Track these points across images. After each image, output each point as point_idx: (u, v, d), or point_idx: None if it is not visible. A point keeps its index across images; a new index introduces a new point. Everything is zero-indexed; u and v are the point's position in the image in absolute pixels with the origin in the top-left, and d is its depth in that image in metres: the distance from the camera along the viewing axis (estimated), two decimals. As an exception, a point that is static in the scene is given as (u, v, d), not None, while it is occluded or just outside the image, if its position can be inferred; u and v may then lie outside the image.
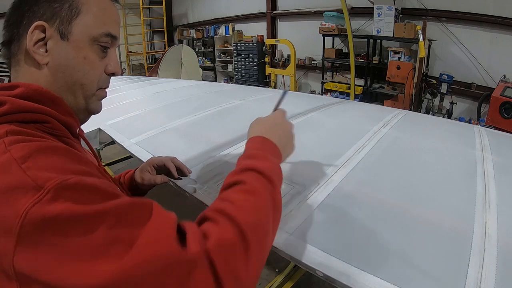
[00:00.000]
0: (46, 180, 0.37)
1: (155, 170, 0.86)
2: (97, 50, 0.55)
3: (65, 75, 0.53)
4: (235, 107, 1.67)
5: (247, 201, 0.46)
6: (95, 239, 0.35)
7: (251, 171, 0.51)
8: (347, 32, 4.52)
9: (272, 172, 0.53)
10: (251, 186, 0.49)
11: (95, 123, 1.44)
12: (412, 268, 0.57)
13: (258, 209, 0.46)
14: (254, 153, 0.57)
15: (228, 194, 0.48)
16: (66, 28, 0.52)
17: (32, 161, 0.39)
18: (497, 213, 0.74)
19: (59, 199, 0.36)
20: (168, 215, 0.42)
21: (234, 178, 0.51)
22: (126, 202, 0.40)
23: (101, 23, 0.54)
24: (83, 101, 0.56)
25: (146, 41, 8.70)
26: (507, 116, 3.65)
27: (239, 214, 0.43)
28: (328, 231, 0.67)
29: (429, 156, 1.10)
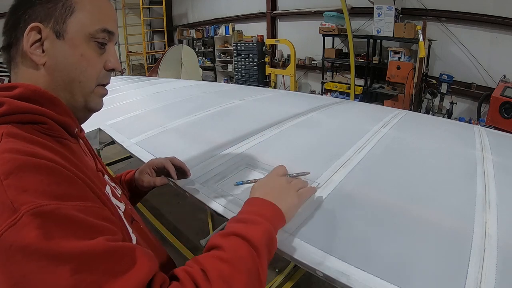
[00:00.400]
0: (22, 204, 0.36)
1: (155, 172, 0.86)
2: (94, 47, 0.55)
3: (62, 74, 0.53)
4: (235, 107, 1.67)
5: (220, 271, 0.43)
6: (57, 280, 0.34)
7: (236, 237, 0.48)
8: (347, 32, 4.52)
9: (260, 239, 0.49)
10: (230, 255, 0.46)
11: (95, 123, 1.44)
12: (412, 268, 0.57)
13: (230, 281, 0.42)
14: (245, 217, 0.54)
15: (204, 258, 0.46)
16: (61, 27, 0.52)
17: (14, 178, 0.38)
18: (497, 213, 0.74)
19: (32, 226, 0.35)
20: (143, 268, 0.40)
21: (217, 241, 0.48)
22: (101, 247, 0.38)
23: (96, 20, 0.54)
24: (81, 98, 0.56)
25: (146, 41, 8.70)
26: (507, 116, 3.65)
27: (206, 284, 0.41)
28: (328, 231, 0.67)
29: (429, 156, 1.10)
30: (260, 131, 1.24)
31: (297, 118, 1.42)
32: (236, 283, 0.43)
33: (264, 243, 0.49)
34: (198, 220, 2.60)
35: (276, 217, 0.56)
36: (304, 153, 1.07)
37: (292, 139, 1.19)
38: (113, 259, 0.38)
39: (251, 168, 0.94)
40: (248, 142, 1.13)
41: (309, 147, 1.12)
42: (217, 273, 0.43)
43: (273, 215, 0.56)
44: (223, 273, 0.43)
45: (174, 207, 2.78)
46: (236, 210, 0.74)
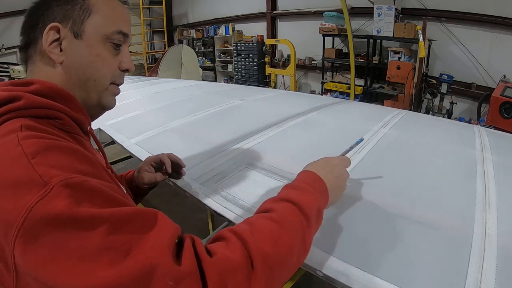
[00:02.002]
0: (52, 177, 0.38)
1: (154, 168, 0.86)
2: (109, 48, 0.57)
3: (79, 72, 0.56)
4: (235, 107, 1.67)
5: (269, 230, 0.45)
6: (90, 243, 0.36)
7: (287, 202, 0.51)
8: (347, 32, 4.52)
9: (311, 208, 0.52)
10: (280, 216, 0.47)
11: (95, 123, 1.43)
12: (412, 268, 0.57)
13: (278, 241, 0.44)
14: (299, 184, 0.56)
15: (254, 218, 0.48)
16: (79, 28, 0.54)
17: (41, 157, 0.40)
18: (497, 213, 0.74)
19: (62, 195, 0.37)
20: (169, 227, 0.42)
21: (268, 205, 0.51)
22: (128, 210, 0.40)
23: (112, 22, 0.57)
24: (96, 96, 0.58)
25: (146, 41, 8.70)
26: (507, 116, 3.65)
27: (254, 240, 0.42)
28: (328, 231, 0.67)
29: (429, 156, 1.10)
30: (260, 131, 1.24)
31: (297, 118, 1.42)
32: (283, 242, 0.44)
33: (314, 213, 0.52)
34: (198, 220, 2.60)
35: (325, 193, 0.58)
36: (304, 153, 1.07)
37: (292, 139, 1.19)
38: (141, 219, 0.40)
39: (251, 168, 0.94)
40: (248, 142, 1.13)
41: (309, 147, 1.12)
42: (267, 230, 0.44)
43: (323, 192, 0.58)
44: (273, 231, 0.44)
45: (174, 207, 2.78)
46: (236, 209, 0.75)
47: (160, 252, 0.38)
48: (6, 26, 6.87)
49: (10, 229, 0.36)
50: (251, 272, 0.40)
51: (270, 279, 0.41)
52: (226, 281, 0.38)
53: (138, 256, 0.36)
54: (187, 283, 0.37)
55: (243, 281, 0.39)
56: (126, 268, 0.35)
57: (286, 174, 0.89)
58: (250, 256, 0.41)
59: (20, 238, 0.36)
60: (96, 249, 0.36)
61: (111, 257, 0.36)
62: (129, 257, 0.36)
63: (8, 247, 0.36)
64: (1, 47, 6.89)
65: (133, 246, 0.37)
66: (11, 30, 6.87)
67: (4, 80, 5.69)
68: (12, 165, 0.40)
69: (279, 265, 0.43)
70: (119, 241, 0.37)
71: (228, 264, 0.39)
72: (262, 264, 0.41)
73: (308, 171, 0.61)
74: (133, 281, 0.35)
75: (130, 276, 0.35)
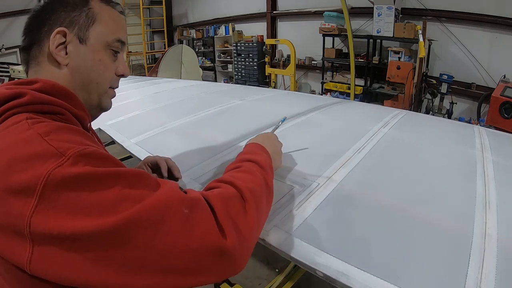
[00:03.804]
0: (68, 149, 0.42)
1: (150, 169, 0.87)
2: (109, 54, 0.62)
3: (83, 75, 0.60)
4: (235, 107, 1.67)
5: (244, 176, 0.57)
6: (108, 196, 0.41)
7: (247, 161, 0.64)
8: (347, 32, 4.52)
9: (265, 162, 0.66)
10: (247, 168, 0.61)
11: (95, 123, 1.43)
12: (412, 268, 0.57)
13: (253, 182, 0.56)
14: (249, 150, 0.71)
15: (229, 173, 0.59)
16: (84, 34, 0.59)
17: (54, 134, 0.45)
18: (497, 213, 0.74)
19: (79, 163, 0.41)
20: (172, 182, 0.49)
21: (234, 165, 0.63)
22: (137, 170, 0.46)
23: (112, 31, 0.62)
24: (97, 98, 0.63)
25: (146, 41, 8.70)
26: (507, 116, 3.65)
27: (238, 181, 0.54)
28: (328, 231, 0.67)
29: (429, 156, 1.10)
30: (260, 131, 1.24)
31: (297, 118, 1.42)
32: (257, 182, 0.57)
33: (268, 164, 0.67)
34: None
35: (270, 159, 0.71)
36: (304, 153, 1.07)
37: (292, 139, 1.19)
38: (149, 177, 0.47)
39: (251, 168, 0.94)
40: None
41: (309, 147, 1.12)
42: (243, 175, 0.57)
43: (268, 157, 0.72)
44: (247, 176, 0.58)
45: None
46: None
47: (172, 192, 0.45)
48: (6, 26, 6.88)
49: (28, 198, 0.38)
50: (243, 201, 0.51)
51: (257, 209, 0.52)
52: (227, 206, 0.48)
53: (153, 197, 0.43)
54: (199, 206, 0.45)
55: (240, 207, 0.50)
56: (143, 206, 0.41)
57: (286, 174, 0.89)
58: (240, 191, 0.52)
59: (40, 205, 0.38)
60: (115, 201, 0.40)
61: (129, 203, 0.41)
62: (144, 200, 0.42)
63: (23, 217, 0.38)
64: (1, 47, 6.88)
65: (147, 195, 0.43)
66: (11, 30, 6.87)
67: (4, 80, 5.69)
68: (27, 143, 0.43)
69: (260, 198, 0.55)
70: (135, 193, 0.42)
71: (226, 194, 0.50)
72: (250, 195, 0.52)
73: (252, 143, 0.75)
74: (153, 212, 0.41)
75: (150, 209, 0.41)
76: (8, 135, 0.45)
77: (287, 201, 0.76)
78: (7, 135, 0.45)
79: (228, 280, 1.98)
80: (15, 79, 5.14)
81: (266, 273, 2.18)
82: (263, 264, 2.25)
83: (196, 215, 0.44)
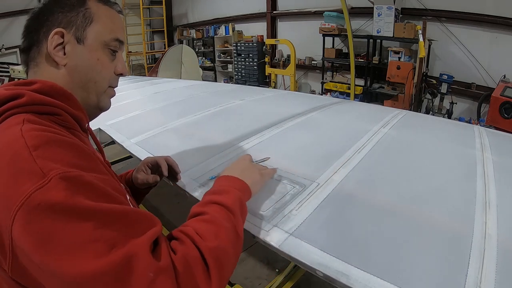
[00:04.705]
0: (51, 169, 0.42)
1: (150, 169, 0.87)
2: (107, 53, 0.62)
3: (81, 74, 0.60)
4: (235, 107, 1.67)
5: (208, 229, 0.51)
6: (80, 234, 0.40)
7: (214, 204, 0.57)
8: (347, 32, 4.52)
9: (234, 204, 0.59)
10: (212, 216, 0.54)
11: (95, 123, 1.43)
12: (412, 268, 0.57)
13: (219, 237, 0.51)
14: (220, 187, 0.63)
15: (193, 222, 0.53)
16: (81, 34, 0.59)
17: (42, 150, 0.44)
18: (497, 213, 0.74)
19: (59, 187, 0.41)
20: (151, 227, 0.46)
21: (199, 209, 0.57)
22: (117, 208, 0.44)
23: (110, 30, 0.62)
24: (95, 97, 0.63)
25: (146, 41, 8.70)
26: (507, 116, 3.65)
27: (201, 242, 0.49)
28: (328, 231, 0.67)
29: (429, 156, 1.10)
30: (260, 131, 1.24)
31: (297, 118, 1.42)
32: (221, 236, 0.52)
33: (238, 209, 0.59)
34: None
35: (243, 187, 0.65)
36: (304, 153, 1.07)
37: (292, 139, 1.19)
38: (128, 218, 0.44)
39: (251, 168, 0.94)
40: (248, 142, 1.13)
41: (309, 147, 1.12)
42: (206, 230, 0.51)
43: (241, 187, 0.65)
44: (211, 230, 0.52)
45: (174, 207, 2.78)
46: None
47: (141, 249, 0.42)
48: (6, 26, 6.88)
49: (9, 212, 0.40)
50: (206, 267, 0.47)
51: (220, 272, 0.48)
52: (191, 273, 0.45)
53: (121, 250, 0.41)
54: (165, 275, 0.43)
55: (203, 275, 0.46)
56: (110, 261, 0.39)
57: (286, 174, 0.89)
58: (203, 255, 0.47)
59: (17, 221, 0.40)
60: (85, 240, 0.40)
61: (97, 249, 0.40)
62: (113, 250, 0.40)
63: (6, 230, 0.40)
64: (1, 47, 6.88)
65: (118, 242, 0.41)
66: (11, 30, 6.87)
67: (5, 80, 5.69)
68: (15, 156, 0.43)
69: (223, 255, 0.50)
70: (106, 236, 0.41)
71: (189, 259, 0.46)
72: (213, 260, 0.48)
73: (223, 176, 0.68)
74: (116, 272, 0.39)
75: (113, 267, 0.39)
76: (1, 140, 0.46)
77: (287, 201, 0.76)
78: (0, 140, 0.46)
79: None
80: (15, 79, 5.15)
81: (266, 273, 2.18)
82: (263, 264, 2.25)
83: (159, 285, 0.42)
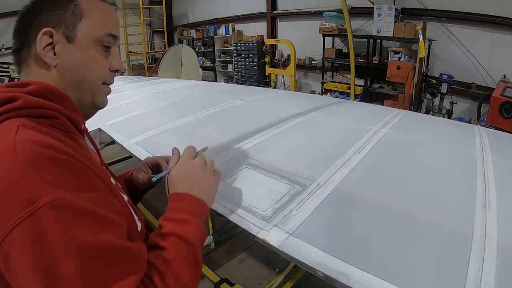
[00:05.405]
0: (41, 195, 0.40)
1: (150, 169, 0.86)
2: (100, 50, 0.60)
3: (73, 74, 0.58)
4: (235, 107, 1.67)
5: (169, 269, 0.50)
6: (63, 270, 0.39)
7: (175, 237, 0.54)
8: (347, 32, 4.52)
9: (195, 237, 0.56)
10: (173, 255, 0.52)
11: (95, 123, 1.43)
12: (412, 268, 0.57)
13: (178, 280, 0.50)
14: (178, 216, 0.58)
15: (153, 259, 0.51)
16: (71, 32, 0.56)
17: (33, 169, 0.42)
18: (497, 213, 0.74)
19: (48, 218, 0.39)
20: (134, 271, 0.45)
21: (159, 241, 0.54)
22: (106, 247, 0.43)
23: (102, 25, 0.59)
24: (89, 96, 0.61)
25: (146, 41, 8.70)
26: (507, 116, 3.65)
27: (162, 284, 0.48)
28: (328, 231, 0.67)
29: (429, 156, 1.10)
30: (260, 131, 1.24)
31: (297, 118, 1.42)
32: (182, 275, 0.51)
33: (198, 240, 0.57)
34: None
35: (203, 210, 0.62)
36: (304, 153, 1.07)
37: (292, 139, 1.19)
38: (114, 258, 0.43)
39: (251, 168, 0.94)
40: (248, 142, 1.13)
41: (309, 147, 1.12)
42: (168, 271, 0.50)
43: (201, 211, 0.61)
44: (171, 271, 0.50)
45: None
46: (236, 210, 0.75)
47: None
48: (6, 26, 6.86)
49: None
50: None
51: None
52: None
53: None
54: None
55: None
56: None
57: (286, 174, 0.89)
58: None
59: (2, 247, 0.39)
60: (65, 276, 0.39)
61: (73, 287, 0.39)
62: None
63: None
64: (1, 47, 6.88)
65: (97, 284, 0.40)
66: (11, 30, 6.73)
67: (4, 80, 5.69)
68: (5, 173, 0.41)
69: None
70: (92, 276, 0.40)
71: None
72: None
73: (183, 195, 0.61)
74: None
75: None
76: None
77: (287, 201, 0.76)
78: None
79: (228, 280, 1.98)
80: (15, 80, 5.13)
81: (266, 273, 2.18)
82: (263, 264, 2.25)
83: None
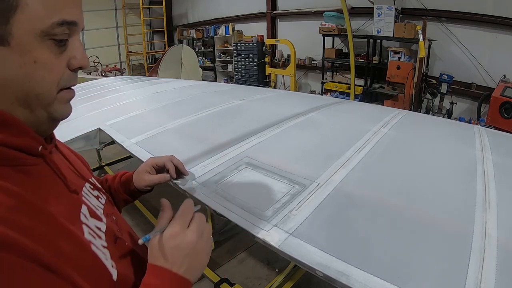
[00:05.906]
0: None
1: (155, 170, 0.85)
2: (51, 47, 0.42)
3: (13, 90, 0.41)
4: (235, 107, 1.67)
5: None
6: None
7: None
8: (347, 32, 4.52)
9: None
10: None
11: (95, 123, 1.44)
12: (412, 268, 0.57)
13: None
14: None
15: None
16: (4, 30, 0.39)
17: None
18: (497, 213, 0.74)
19: None
20: None
21: None
22: None
23: (49, 11, 0.41)
24: (43, 112, 0.45)
25: (146, 41, 8.71)
26: (507, 116, 3.65)
27: None
28: (328, 231, 0.67)
29: (429, 156, 1.10)
30: (260, 131, 1.24)
31: (297, 118, 1.42)
32: None
33: None
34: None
35: None
36: (304, 153, 1.07)
37: (292, 139, 1.19)
38: None
39: (251, 168, 0.94)
40: (248, 142, 1.13)
41: (309, 147, 1.12)
42: None
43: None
44: None
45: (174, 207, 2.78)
46: (236, 209, 0.75)
47: None
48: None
49: None
50: None
51: None
52: None
53: None
54: None
55: None
56: None
57: (286, 174, 0.89)
58: None
59: None
60: None
61: None
62: None
63: None
64: None
65: None
66: None
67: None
68: None
69: None
70: None
71: None
72: None
73: (167, 272, 0.49)
74: None
75: None
76: None
77: (287, 201, 0.76)
78: None
79: (228, 280, 1.98)
80: None
81: (266, 273, 2.18)
82: (263, 264, 2.25)
83: None
